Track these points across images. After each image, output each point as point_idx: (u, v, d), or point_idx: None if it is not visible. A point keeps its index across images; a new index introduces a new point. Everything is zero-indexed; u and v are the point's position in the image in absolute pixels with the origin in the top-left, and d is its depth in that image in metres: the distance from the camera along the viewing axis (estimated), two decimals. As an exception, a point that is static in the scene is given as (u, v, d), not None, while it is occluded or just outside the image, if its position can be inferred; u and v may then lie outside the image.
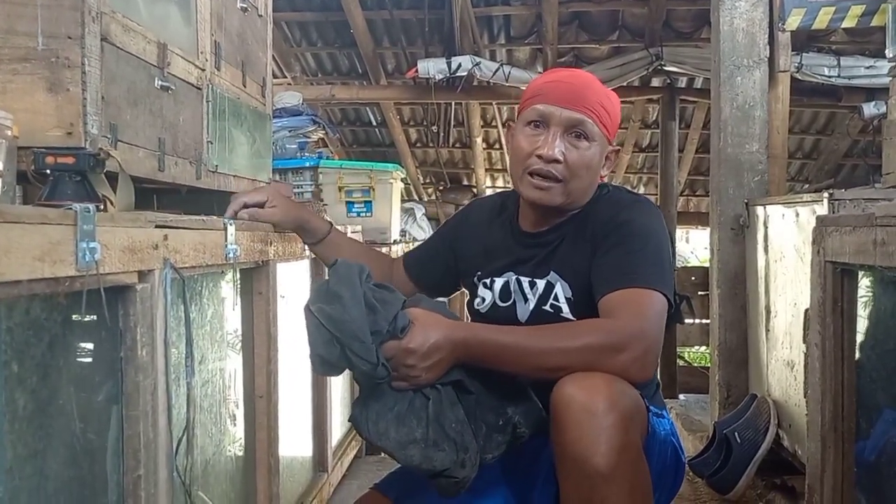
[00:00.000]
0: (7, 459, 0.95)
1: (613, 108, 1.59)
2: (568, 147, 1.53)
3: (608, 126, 1.57)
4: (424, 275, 1.83)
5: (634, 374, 1.36)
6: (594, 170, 1.56)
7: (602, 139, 1.56)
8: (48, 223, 0.96)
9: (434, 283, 1.84)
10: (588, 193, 1.60)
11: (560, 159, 1.52)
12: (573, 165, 1.53)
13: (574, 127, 1.53)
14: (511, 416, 1.42)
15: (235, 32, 2.17)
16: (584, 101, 1.53)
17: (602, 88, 1.59)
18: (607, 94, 1.59)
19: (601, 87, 1.59)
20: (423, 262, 1.85)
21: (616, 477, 1.25)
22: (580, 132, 1.53)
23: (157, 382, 1.26)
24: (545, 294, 1.58)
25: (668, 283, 1.47)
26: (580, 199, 1.59)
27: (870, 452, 1.42)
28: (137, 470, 1.21)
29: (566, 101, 1.53)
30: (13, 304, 0.96)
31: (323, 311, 1.31)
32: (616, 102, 1.61)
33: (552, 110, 1.54)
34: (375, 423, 1.36)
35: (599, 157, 1.56)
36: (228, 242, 1.59)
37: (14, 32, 1.37)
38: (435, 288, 1.85)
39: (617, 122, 1.62)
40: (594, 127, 1.53)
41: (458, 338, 1.36)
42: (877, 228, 1.31)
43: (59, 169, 1.29)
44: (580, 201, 1.59)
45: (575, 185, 1.55)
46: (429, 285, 1.83)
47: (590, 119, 1.53)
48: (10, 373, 0.96)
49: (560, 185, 1.54)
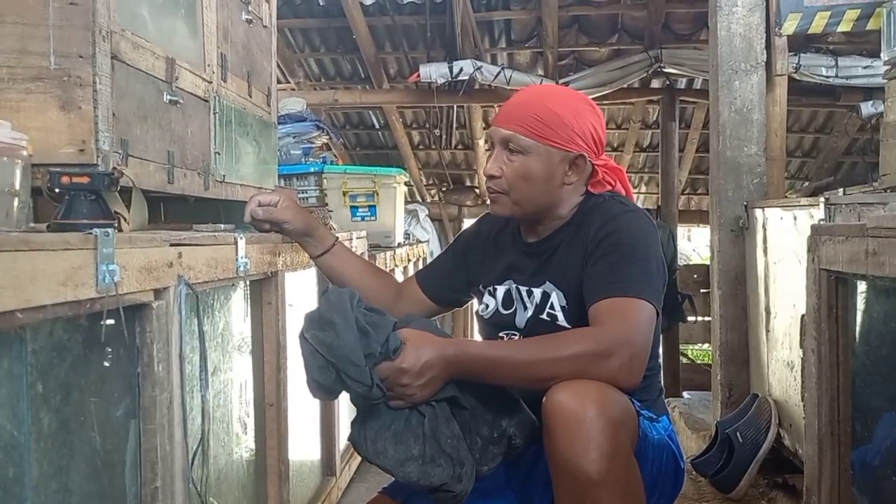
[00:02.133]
0: (34, 477, 0.99)
1: (555, 117, 1.57)
2: (506, 162, 1.61)
3: (550, 137, 1.57)
4: (441, 291, 1.86)
5: (622, 380, 1.39)
6: (535, 179, 1.59)
7: (542, 150, 1.58)
8: (71, 248, 1.00)
9: (451, 299, 1.88)
10: (544, 201, 1.62)
11: (496, 174, 1.62)
12: (508, 178, 1.61)
13: (507, 143, 1.60)
14: (506, 429, 1.46)
15: (241, 44, 2.20)
16: (512, 117, 1.60)
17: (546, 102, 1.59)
18: (550, 107, 1.58)
19: (545, 101, 1.60)
20: (438, 279, 1.87)
21: (607, 482, 1.28)
22: (513, 147, 1.60)
23: (172, 396, 1.30)
24: (542, 303, 1.61)
25: (656, 291, 1.50)
26: (534, 207, 1.63)
27: (872, 456, 1.45)
28: (155, 482, 1.25)
29: (499, 120, 1.63)
30: (38, 328, 1.00)
31: (317, 337, 1.36)
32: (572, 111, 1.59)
33: (492, 131, 1.66)
34: (374, 442, 1.40)
35: (541, 166, 1.59)
36: (239, 256, 1.63)
37: (27, 52, 1.40)
38: (452, 303, 1.90)
39: (573, 131, 1.58)
40: (525, 140, 1.58)
41: (450, 354, 1.40)
42: (868, 239, 1.34)
43: (74, 189, 1.31)
44: (538, 208, 1.63)
45: (518, 196, 1.61)
46: (446, 301, 1.87)
47: (519, 133, 1.58)
48: (36, 393, 1.00)
49: (505, 197, 1.63)
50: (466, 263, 1.82)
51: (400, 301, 1.84)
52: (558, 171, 1.60)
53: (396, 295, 1.87)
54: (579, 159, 1.61)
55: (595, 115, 1.64)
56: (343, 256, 1.88)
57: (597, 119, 1.64)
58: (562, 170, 1.61)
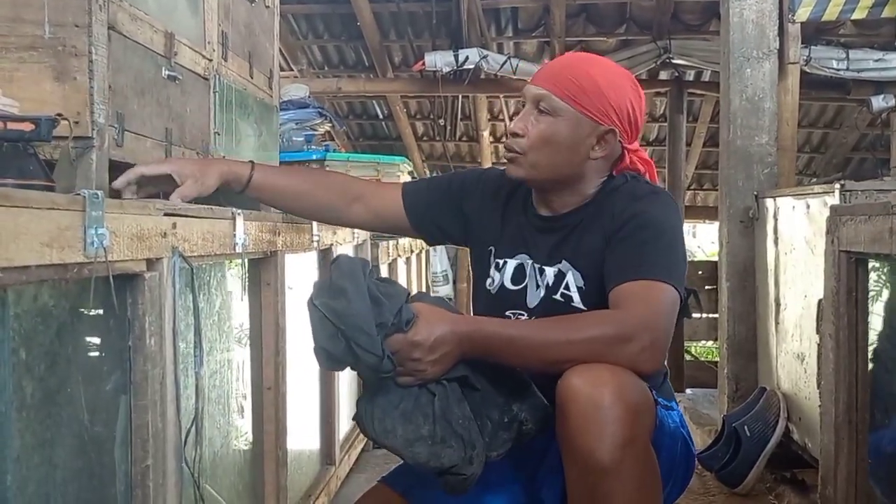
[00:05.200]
0: (15, 448, 0.95)
1: (594, 85, 1.51)
2: (533, 122, 1.53)
3: (584, 103, 1.50)
4: (420, 209, 1.74)
5: (643, 365, 1.34)
6: (559, 144, 1.52)
7: (573, 115, 1.51)
8: (56, 208, 0.95)
9: (426, 228, 1.77)
10: (563, 171, 1.55)
11: (519, 133, 1.54)
12: (532, 138, 1.52)
13: (539, 102, 1.53)
14: (517, 414, 1.40)
15: (243, 23, 2.16)
16: (552, 77, 1.53)
17: (588, 68, 1.53)
18: (592, 74, 1.52)
19: (588, 67, 1.54)
20: (423, 197, 1.76)
21: (621, 471, 1.24)
22: (544, 107, 1.52)
23: (165, 372, 1.25)
24: (556, 282, 1.55)
25: (680, 276, 1.45)
26: (551, 174, 1.55)
27: (889, 443, 1.40)
28: (146, 460, 1.20)
29: (536, 78, 1.55)
30: (21, 291, 0.96)
31: (327, 305, 1.29)
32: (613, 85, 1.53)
33: (526, 89, 1.57)
34: (381, 421, 1.34)
35: (568, 132, 1.51)
36: (237, 232, 1.59)
37: (20, 21, 1.36)
38: (425, 232, 1.78)
39: (609, 104, 1.52)
40: (558, 102, 1.50)
41: (464, 331, 1.35)
42: (893, 217, 1.30)
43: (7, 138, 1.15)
44: (554, 176, 1.55)
45: (535, 158, 1.53)
46: (422, 227, 1.76)
47: (553, 94, 1.51)
48: (18, 360, 0.95)
49: (522, 158, 1.54)
50: (462, 205, 1.72)
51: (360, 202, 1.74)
52: (585, 142, 1.53)
53: (352, 198, 1.74)
54: (609, 134, 1.53)
55: (636, 95, 1.57)
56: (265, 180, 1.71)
57: (637, 99, 1.57)
58: (589, 142, 1.53)
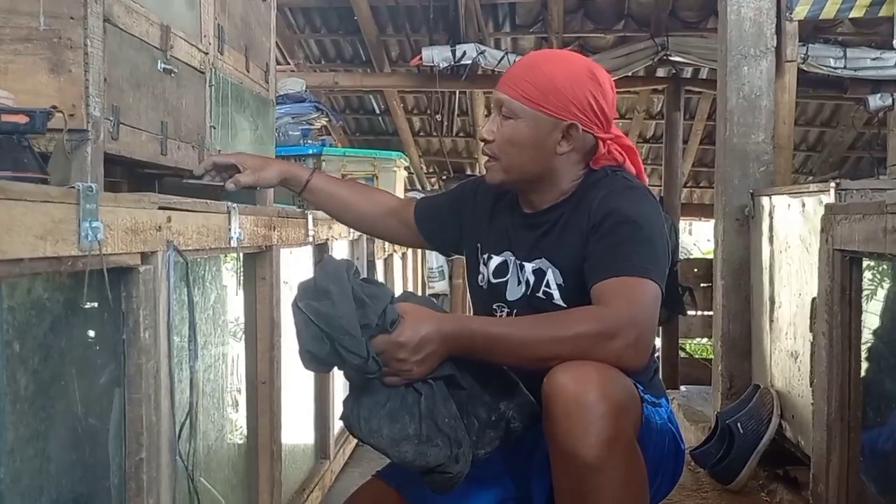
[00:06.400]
0: (8, 440, 0.95)
1: (548, 82, 1.51)
2: (498, 127, 1.56)
3: (541, 102, 1.51)
4: (428, 222, 1.83)
5: (628, 361, 1.34)
6: (523, 145, 1.53)
7: (531, 115, 1.52)
8: (51, 201, 0.95)
9: (439, 241, 1.87)
10: (533, 169, 1.56)
11: (487, 139, 1.57)
12: (498, 142, 1.56)
13: (501, 106, 1.56)
14: (504, 412, 1.41)
15: (239, 16, 2.16)
16: (510, 80, 1.55)
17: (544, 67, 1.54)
18: (547, 72, 1.52)
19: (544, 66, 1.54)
20: (430, 211, 1.84)
21: (607, 468, 1.24)
22: (505, 111, 1.54)
23: (159, 365, 1.25)
24: (537, 281, 1.56)
25: (661, 270, 1.45)
26: (522, 174, 1.57)
27: (883, 441, 1.41)
28: (139, 453, 1.20)
29: (499, 83, 1.58)
30: (15, 283, 0.95)
31: (311, 306, 1.29)
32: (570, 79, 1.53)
33: (493, 95, 1.62)
34: (368, 421, 1.34)
35: (529, 132, 1.52)
36: (232, 226, 1.58)
37: (16, 12, 1.36)
38: (439, 244, 1.90)
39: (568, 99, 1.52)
40: (516, 104, 1.52)
41: (449, 330, 1.35)
42: (887, 216, 1.30)
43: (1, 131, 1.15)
44: (527, 176, 1.57)
45: (507, 162, 1.56)
46: (430, 235, 1.85)
47: (511, 97, 1.53)
48: (12, 353, 0.95)
49: (496, 164, 1.58)
50: (459, 215, 1.78)
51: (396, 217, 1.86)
52: (549, 138, 1.53)
53: (391, 213, 1.87)
54: (572, 129, 1.53)
55: (596, 85, 1.54)
56: (323, 185, 1.86)
57: (597, 88, 1.54)
58: (553, 138, 1.53)
